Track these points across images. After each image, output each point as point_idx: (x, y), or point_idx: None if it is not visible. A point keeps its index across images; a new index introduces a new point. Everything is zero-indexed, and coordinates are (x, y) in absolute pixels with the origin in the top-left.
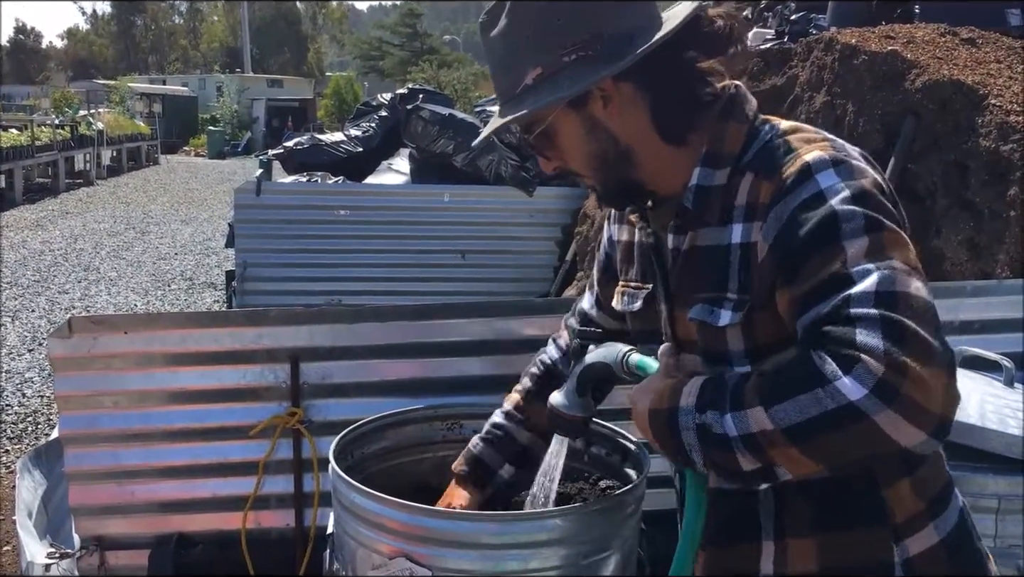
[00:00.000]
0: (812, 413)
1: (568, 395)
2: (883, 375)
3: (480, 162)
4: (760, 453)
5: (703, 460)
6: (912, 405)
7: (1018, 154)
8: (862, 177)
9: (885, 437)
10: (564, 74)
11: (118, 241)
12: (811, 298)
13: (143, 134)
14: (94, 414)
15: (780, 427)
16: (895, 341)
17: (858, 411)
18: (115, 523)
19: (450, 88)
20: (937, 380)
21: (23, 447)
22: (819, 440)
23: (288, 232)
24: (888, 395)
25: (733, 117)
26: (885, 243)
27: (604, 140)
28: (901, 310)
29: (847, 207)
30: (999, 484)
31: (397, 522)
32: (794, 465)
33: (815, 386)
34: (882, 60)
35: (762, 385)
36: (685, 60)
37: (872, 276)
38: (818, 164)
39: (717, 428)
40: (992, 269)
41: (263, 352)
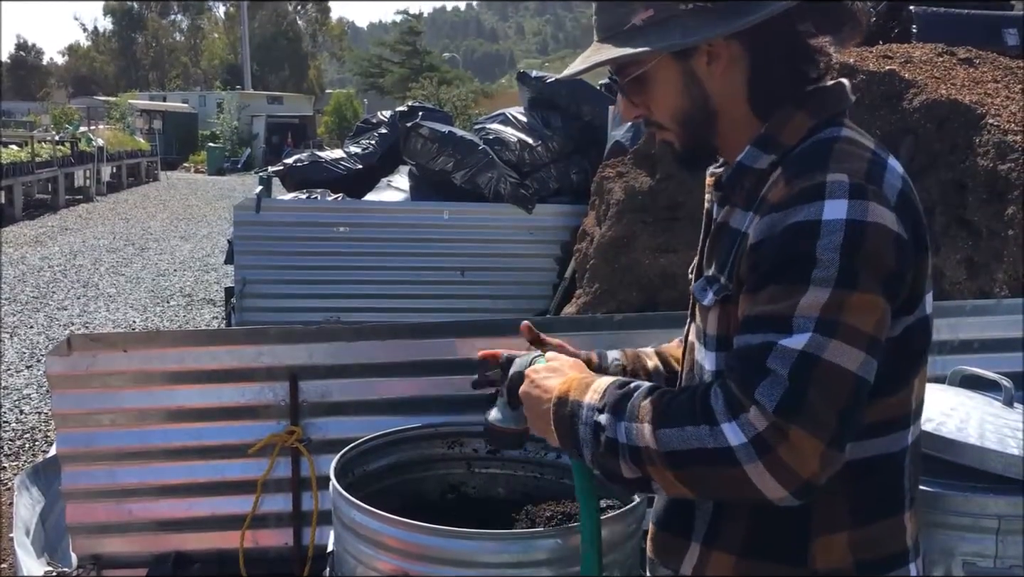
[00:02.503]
0: (693, 445)
1: (502, 409)
2: (763, 431)
3: (479, 179)
4: (640, 466)
5: (591, 457)
6: (781, 465)
7: (1016, 173)
8: (872, 221)
9: (751, 486)
10: (677, 21)
11: (117, 257)
12: (751, 323)
13: (143, 150)
14: (92, 432)
15: (662, 449)
16: (788, 407)
17: (732, 456)
18: (112, 541)
19: (450, 105)
20: (813, 450)
21: (20, 464)
22: (692, 471)
23: (287, 249)
24: (762, 450)
25: (807, 107)
26: (848, 305)
27: (698, 97)
28: (812, 380)
29: (830, 254)
30: (999, 504)
31: (397, 540)
32: (668, 486)
33: (703, 422)
34: (880, 79)
35: (659, 405)
36: (797, 32)
37: (806, 335)
38: (835, 189)
39: (610, 431)
40: (990, 288)
41: (262, 370)
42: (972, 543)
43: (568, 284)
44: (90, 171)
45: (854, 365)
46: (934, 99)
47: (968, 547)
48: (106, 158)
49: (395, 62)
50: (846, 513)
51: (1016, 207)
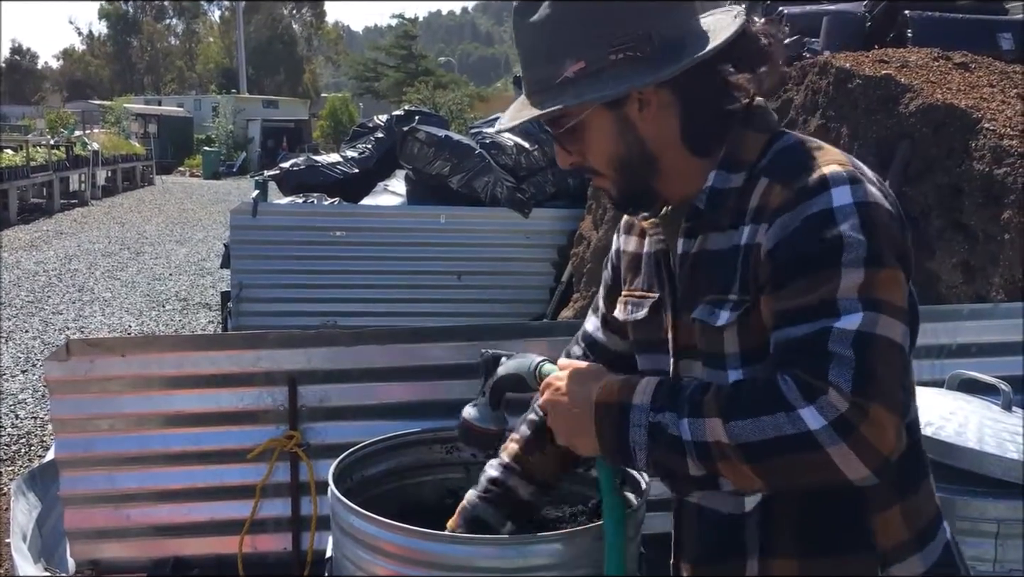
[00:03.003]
0: (770, 435)
1: (481, 408)
2: (845, 411)
3: (476, 183)
4: (709, 462)
5: (646, 459)
6: (865, 444)
7: (1012, 177)
8: (876, 203)
9: (834, 469)
10: (609, 72)
11: (113, 261)
12: (794, 316)
13: (138, 154)
14: (90, 437)
15: (736, 442)
16: (863, 383)
17: (814, 441)
18: (111, 547)
19: (445, 109)
20: (892, 424)
21: (16, 469)
22: (771, 461)
23: (284, 253)
24: (845, 431)
25: (752, 126)
26: (880, 281)
27: (632, 143)
28: (875, 355)
29: (854, 235)
30: (998, 508)
31: (396, 546)
32: (740, 479)
33: (777, 410)
34: (876, 84)
35: (723, 397)
36: (719, 72)
37: (857, 315)
38: (835, 178)
39: (672, 429)
40: (987, 292)
41: (261, 375)
42: (971, 547)
43: (565, 288)
44: (85, 175)
45: (900, 337)
46: (930, 103)
47: (967, 551)
48: (101, 162)
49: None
50: (894, 486)
51: (1012, 211)
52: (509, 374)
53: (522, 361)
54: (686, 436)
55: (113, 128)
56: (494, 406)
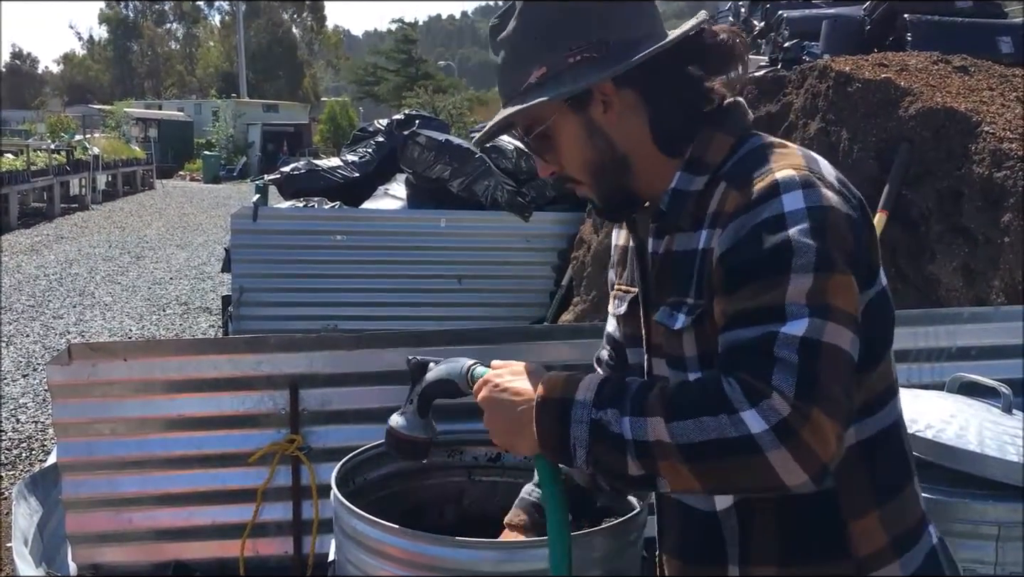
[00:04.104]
0: (712, 436)
1: (409, 416)
2: (787, 415)
3: (476, 187)
4: (649, 461)
5: (586, 456)
6: (805, 449)
7: (1012, 181)
8: (829, 206)
9: (772, 474)
10: (567, 74)
11: (113, 266)
12: (741, 319)
13: (139, 159)
14: (92, 441)
15: (676, 442)
16: (805, 388)
17: (755, 444)
18: (112, 551)
19: (445, 113)
20: (833, 431)
21: (17, 473)
22: (711, 463)
23: (285, 257)
24: (786, 435)
25: (722, 128)
26: (829, 287)
27: (602, 145)
28: (820, 361)
29: (804, 240)
30: (998, 511)
31: (399, 549)
32: (679, 481)
33: (720, 412)
34: (876, 88)
35: (666, 397)
36: (687, 73)
37: (803, 320)
38: (787, 183)
39: (614, 427)
40: (987, 295)
41: (262, 379)
42: (972, 549)
43: (565, 292)
44: (86, 179)
45: (847, 344)
46: (930, 107)
47: (967, 554)
48: (102, 166)
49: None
50: (870, 493)
51: (1012, 214)
52: (438, 379)
53: (452, 365)
54: (627, 434)
55: (113, 132)
56: (422, 414)
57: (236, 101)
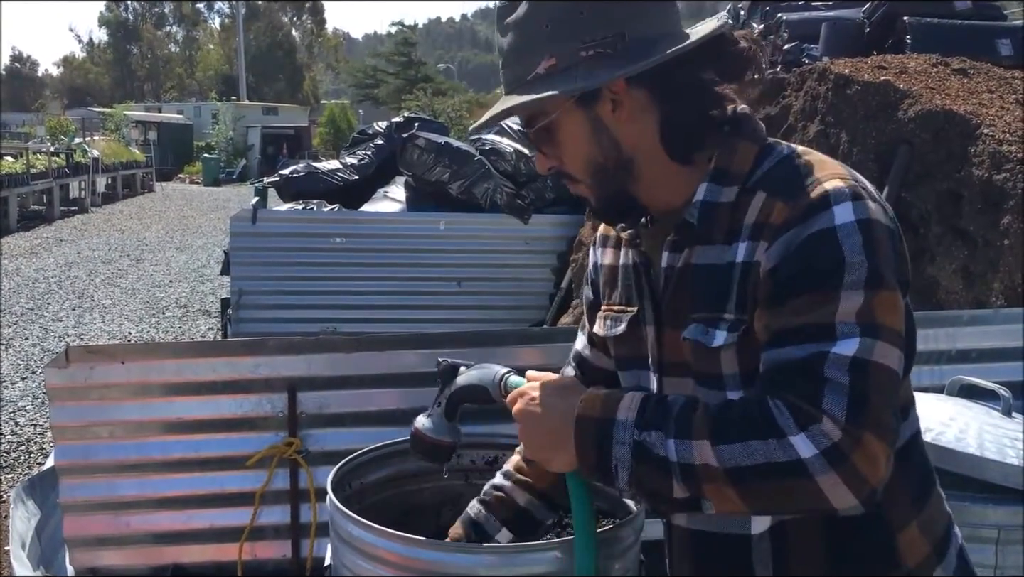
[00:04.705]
0: (759, 460)
1: (435, 419)
2: (838, 441)
3: (475, 190)
4: (695, 485)
5: (628, 478)
6: (855, 474)
7: (1011, 183)
8: (877, 220)
9: (822, 497)
10: (579, 69)
11: (112, 268)
12: (789, 336)
13: (138, 161)
14: (90, 444)
15: (724, 466)
16: (856, 411)
17: (805, 469)
18: (110, 555)
19: (444, 116)
20: (884, 454)
21: (16, 476)
22: (759, 487)
23: (284, 260)
24: (838, 460)
25: (744, 136)
26: (878, 305)
27: (607, 145)
28: (871, 382)
29: (856, 256)
30: (998, 514)
31: (395, 554)
32: (724, 504)
33: (769, 436)
34: (875, 90)
35: (712, 419)
36: (702, 79)
37: (854, 340)
38: (837, 195)
39: (659, 449)
40: (987, 298)
41: (260, 381)
42: (972, 553)
43: (564, 294)
44: (85, 182)
45: (895, 363)
46: (929, 109)
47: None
48: (101, 169)
49: (390, 73)
50: (909, 502)
51: (1012, 217)
52: (470, 384)
53: (485, 372)
54: (672, 457)
55: (113, 135)
56: (449, 417)
57: (236, 104)
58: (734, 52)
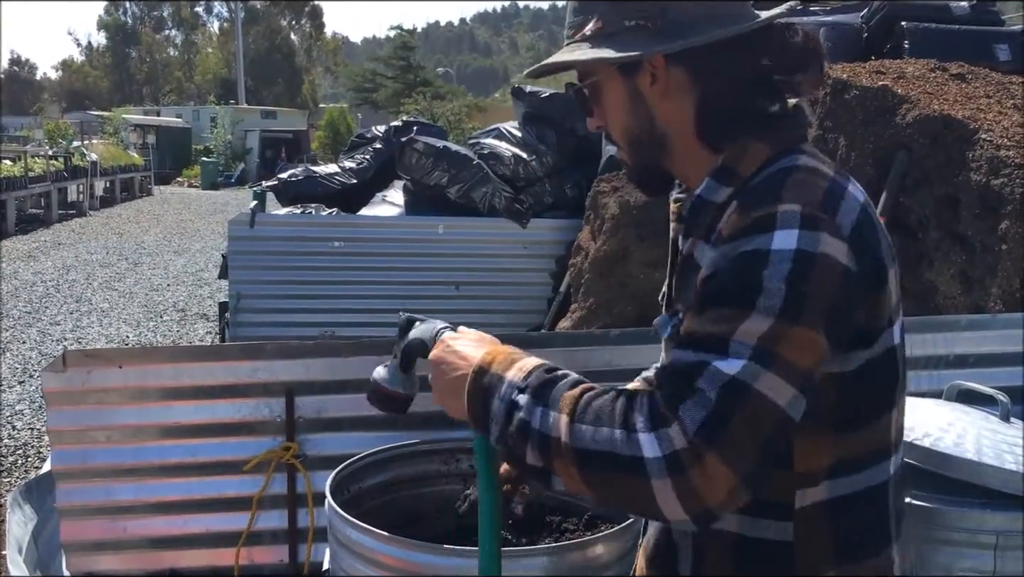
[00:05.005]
0: (604, 448)
1: (391, 370)
2: (680, 449)
3: (474, 194)
4: (547, 456)
5: (498, 435)
6: (689, 488)
7: (1009, 188)
8: (821, 253)
9: (654, 502)
10: (619, 37)
11: (110, 272)
12: (691, 342)
13: (136, 165)
14: (87, 449)
15: (573, 445)
16: (710, 430)
17: (642, 468)
18: (107, 559)
19: (443, 120)
20: (725, 479)
21: (13, 480)
22: (599, 475)
23: (282, 264)
24: (674, 468)
25: (763, 139)
26: (786, 338)
27: (643, 117)
28: (739, 407)
29: (776, 283)
30: (996, 520)
31: (393, 558)
32: (571, 482)
33: (620, 427)
34: (873, 95)
35: (582, 400)
36: (752, 67)
37: (740, 361)
38: (786, 219)
39: (525, 413)
40: (985, 302)
41: (258, 386)
42: (970, 559)
43: (563, 299)
44: (83, 186)
45: (783, 400)
46: (927, 114)
47: (966, 563)
48: (99, 173)
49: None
50: (831, 553)
51: (1010, 221)
52: (415, 338)
53: (428, 326)
54: (535, 424)
55: (111, 139)
56: (404, 369)
57: (234, 107)
58: (789, 44)
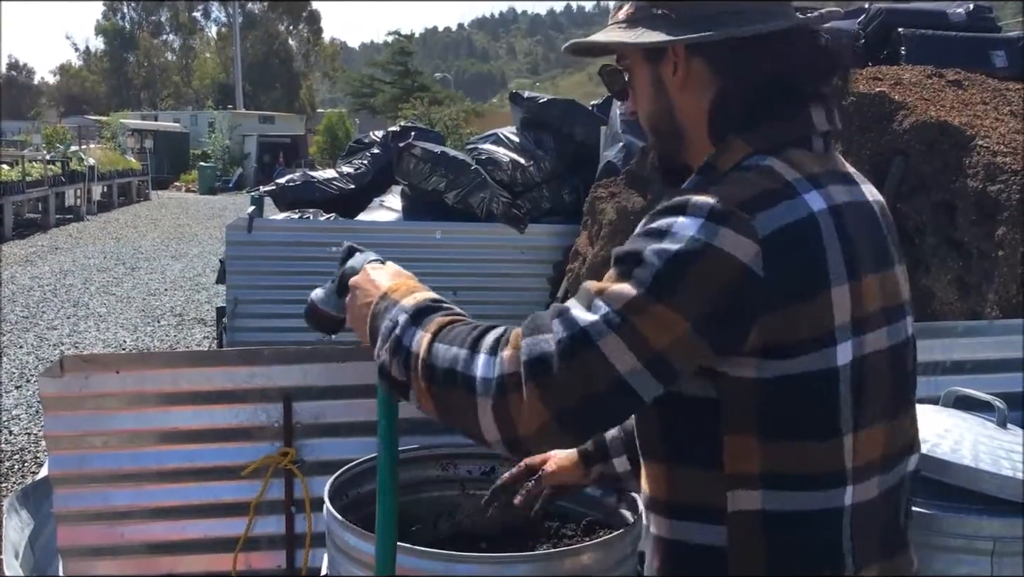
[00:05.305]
0: (449, 365)
1: (327, 293)
2: (506, 374)
3: (472, 199)
4: (406, 370)
5: (379, 348)
6: (505, 412)
7: (1005, 194)
8: (717, 247)
9: (475, 419)
10: (646, 23)
11: (108, 277)
12: (578, 290)
13: (134, 170)
14: (84, 454)
15: (426, 360)
16: (539, 365)
17: (471, 384)
18: (104, 565)
19: (441, 125)
20: (537, 414)
21: (9, 485)
22: (441, 389)
23: (280, 269)
24: (498, 391)
25: (747, 137)
26: (646, 310)
27: (663, 106)
28: (573, 355)
29: (656, 260)
30: (993, 526)
31: None
32: (421, 397)
33: (469, 348)
34: (870, 101)
35: (448, 324)
36: (775, 68)
37: (593, 317)
38: (696, 208)
39: (399, 331)
40: (982, 308)
41: (256, 391)
42: (967, 565)
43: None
44: (81, 190)
45: (622, 367)
46: (924, 121)
47: (963, 569)
48: (97, 177)
49: (387, 82)
50: (763, 563)
51: (1006, 228)
52: (351, 266)
53: (363, 256)
54: (405, 341)
55: (109, 143)
56: (340, 294)
57: (232, 112)
58: (813, 49)
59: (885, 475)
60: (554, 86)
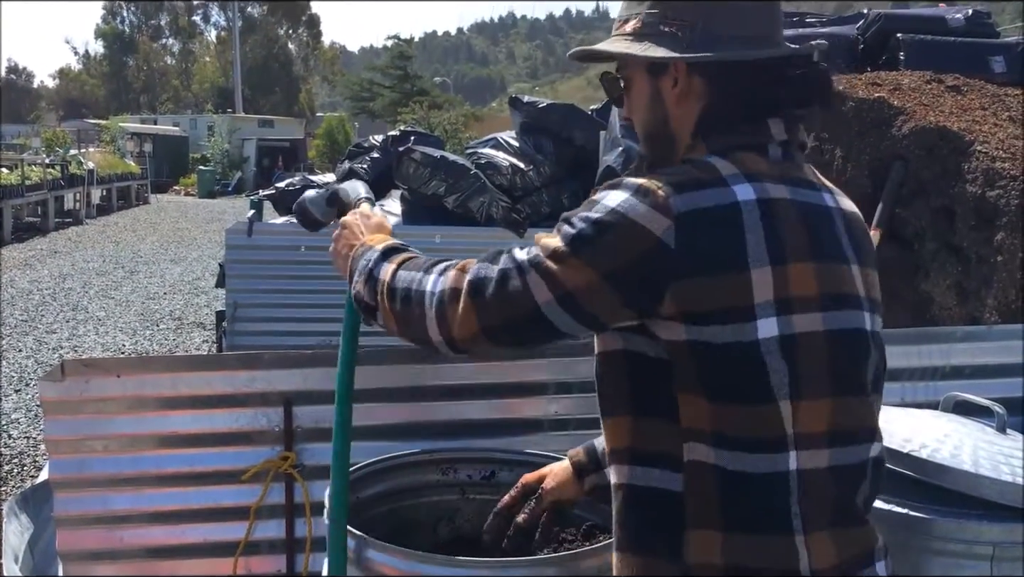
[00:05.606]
0: (406, 284)
1: (318, 197)
2: (448, 289)
3: (471, 204)
4: (374, 296)
5: (355, 282)
6: (444, 317)
7: (1004, 199)
8: (633, 219)
9: (424, 325)
10: (654, 39)
11: (107, 280)
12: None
13: (133, 173)
14: (84, 458)
15: (390, 284)
16: (476, 286)
17: (422, 298)
18: (104, 568)
19: (440, 129)
20: (469, 324)
21: (9, 489)
22: (399, 305)
23: (280, 273)
24: (440, 301)
25: (708, 140)
26: (563, 260)
27: (659, 117)
28: (504, 284)
29: (580, 224)
30: (993, 531)
31: (392, 568)
32: (385, 316)
33: (425, 271)
34: (869, 106)
35: (413, 257)
36: (767, 90)
37: (527, 257)
38: (627, 186)
39: (372, 264)
40: (981, 313)
41: (256, 395)
42: (967, 570)
43: None
44: (80, 194)
45: (540, 298)
46: (923, 126)
47: (963, 574)
48: (96, 181)
49: (386, 86)
50: (717, 514)
51: (1005, 233)
52: (342, 188)
53: (356, 187)
54: (376, 272)
55: (108, 147)
56: (328, 204)
57: (232, 116)
58: (805, 78)
59: (836, 450)
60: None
